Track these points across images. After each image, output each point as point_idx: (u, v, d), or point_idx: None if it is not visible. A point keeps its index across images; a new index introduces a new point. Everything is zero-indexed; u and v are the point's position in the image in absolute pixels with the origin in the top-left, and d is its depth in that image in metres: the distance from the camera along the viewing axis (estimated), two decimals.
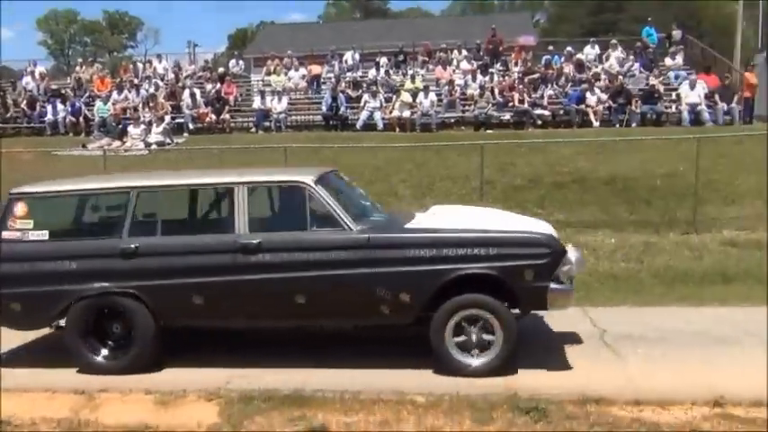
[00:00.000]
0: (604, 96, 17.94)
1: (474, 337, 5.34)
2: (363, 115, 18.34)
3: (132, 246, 5.62)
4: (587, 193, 11.62)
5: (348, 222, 5.46)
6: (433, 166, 13.37)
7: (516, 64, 21.61)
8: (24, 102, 19.65)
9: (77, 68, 23.07)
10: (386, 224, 5.93)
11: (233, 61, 23.72)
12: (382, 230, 5.63)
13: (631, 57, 21.02)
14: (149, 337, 5.66)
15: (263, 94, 19.16)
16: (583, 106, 17.78)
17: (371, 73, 21.30)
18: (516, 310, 5.53)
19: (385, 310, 5.37)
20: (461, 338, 5.34)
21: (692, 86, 17.43)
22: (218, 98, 19.26)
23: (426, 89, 18.74)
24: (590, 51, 21.84)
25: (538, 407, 4.62)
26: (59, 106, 19.07)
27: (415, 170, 13.18)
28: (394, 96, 18.90)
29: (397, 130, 17.97)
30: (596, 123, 17.43)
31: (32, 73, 21.60)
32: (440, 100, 18.90)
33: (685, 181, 11.59)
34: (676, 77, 19.67)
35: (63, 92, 20.12)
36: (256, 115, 18.77)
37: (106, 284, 5.63)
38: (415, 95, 18.65)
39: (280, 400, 5.04)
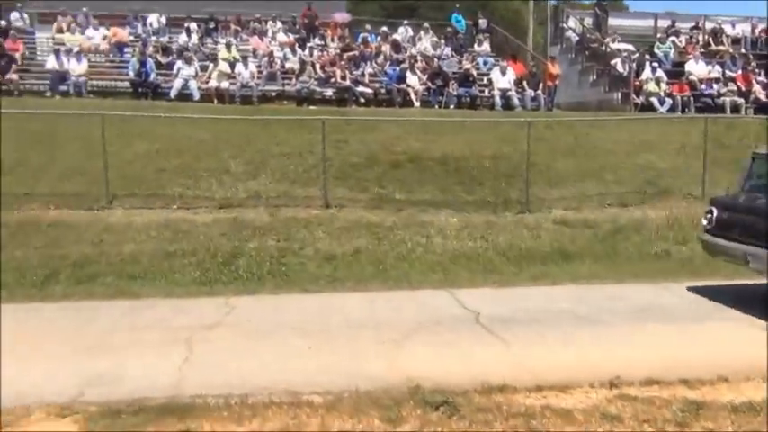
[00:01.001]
0: (424, 77, 18.30)
1: None
2: (177, 84, 16.95)
3: None
4: (423, 172, 11.68)
5: None
6: (264, 141, 12.67)
7: (333, 40, 21.37)
8: None
9: None
10: None
11: (15, 14, 20.70)
12: None
13: (442, 41, 21.75)
14: None
15: (57, 53, 16.95)
16: (404, 86, 18.01)
17: (182, 38, 19.80)
18: None
19: None
20: None
21: (503, 72, 18.39)
22: (2, 55, 16.70)
23: (246, 60, 17.82)
24: (403, 33, 22.24)
25: (447, 400, 4.38)
26: None
27: (246, 145, 12.39)
28: (210, 65, 17.72)
29: (216, 101, 16.90)
30: (417, 104, 17.73)
31: None
32: (259, 72, 18.09)
33: (510, 162, 12.11)
34: (485, 63, 20.68)
35: None
36: (51, 77, 16.55)
37: None
38: (233, 65, 17.65)
39: (154, 412, 4.31)
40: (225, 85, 17.11)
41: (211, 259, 8.33)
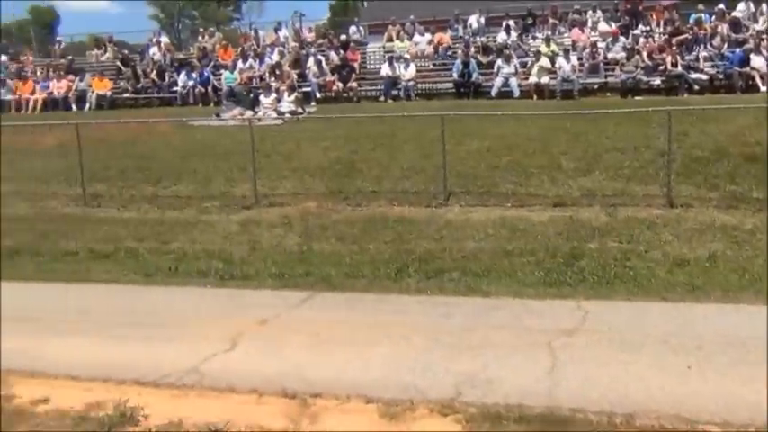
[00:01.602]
0: None
1: None
2: (498, 82, 17.17)
3: None
4: None
5: None
6: (593, 136, 12.14)
7: (659, 24, 19.80)
8: (154, 72, 19.62)
9: (200, 38, 22.94)
10: None
11: (353, 28, 22.92)
12: None
13: None
14: None
15: (391, 60, 18.28)
16: (747, 69, 15.98)
17: (501, 37, 19.99)
18: None
19: None
20: None
21: None
22: (344, 66, 18.54)
23: (567, 53, 17.36)
24: (744, 9, 19.72)
25: None
26: (190, 76, 19.00)
27: (574, 141, 11.99)
28: (531, 61, 17.61)
29: (535, 97, 16.76)
30: (764, 88, 15.60)
31: (158, 44, 21.60)
32: (581, 64, 17.49)
33: None
34: None
35: (190, 62, 19.99)
36: (384, 83, 17.92)
37: None
38: (553, 60, 17.31)
39: (536, 421, 4.21)
40: (545, 80, 16.86)
41: (551, 259, 8.11)
